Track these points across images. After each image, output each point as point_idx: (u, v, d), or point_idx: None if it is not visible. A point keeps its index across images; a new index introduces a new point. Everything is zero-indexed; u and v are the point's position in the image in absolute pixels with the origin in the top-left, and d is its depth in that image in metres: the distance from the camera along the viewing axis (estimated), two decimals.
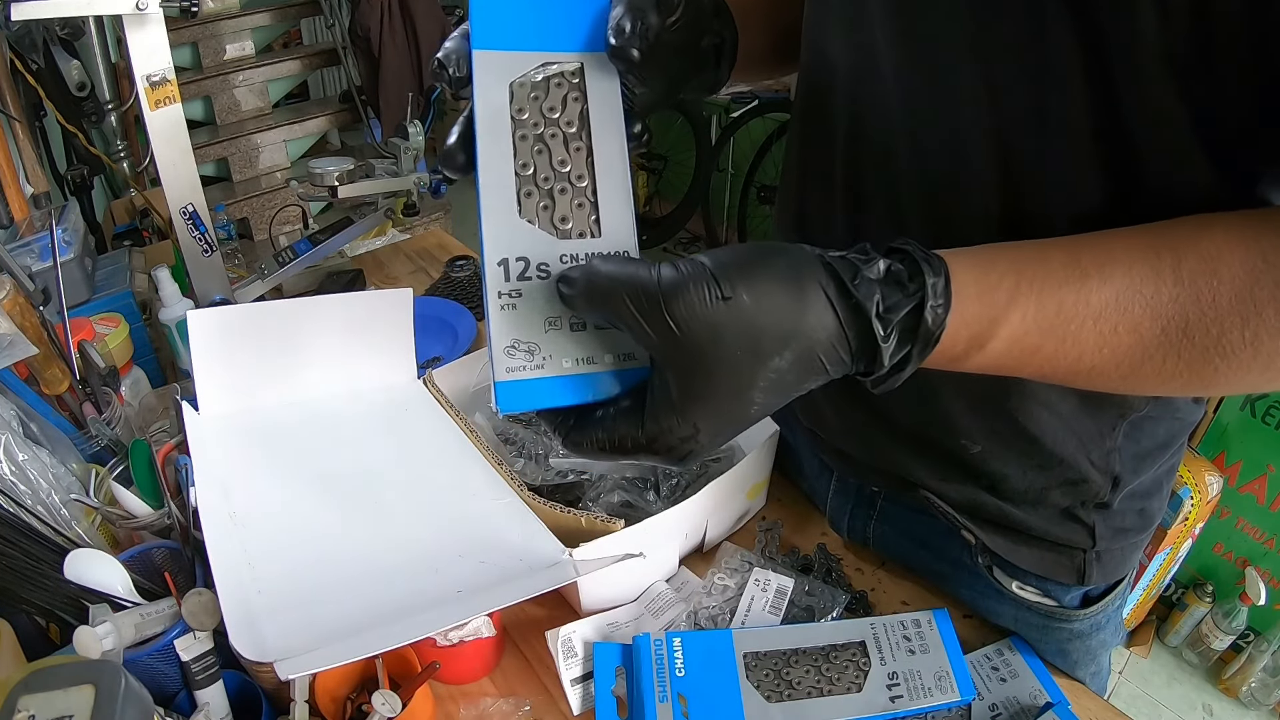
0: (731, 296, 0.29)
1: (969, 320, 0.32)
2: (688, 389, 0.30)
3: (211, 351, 0.69)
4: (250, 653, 0.45)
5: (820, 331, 0.31)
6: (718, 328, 0.29)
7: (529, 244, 0.33)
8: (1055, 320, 0.32)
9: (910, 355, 0.32)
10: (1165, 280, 0.32)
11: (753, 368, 0.30)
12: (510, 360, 0.31)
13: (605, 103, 0.36)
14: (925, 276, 0.31)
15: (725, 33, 0.45)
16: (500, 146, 0.34)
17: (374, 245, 1.33)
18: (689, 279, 0.30)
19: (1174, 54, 0.32)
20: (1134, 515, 0.53)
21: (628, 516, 0.58)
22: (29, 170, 1.21)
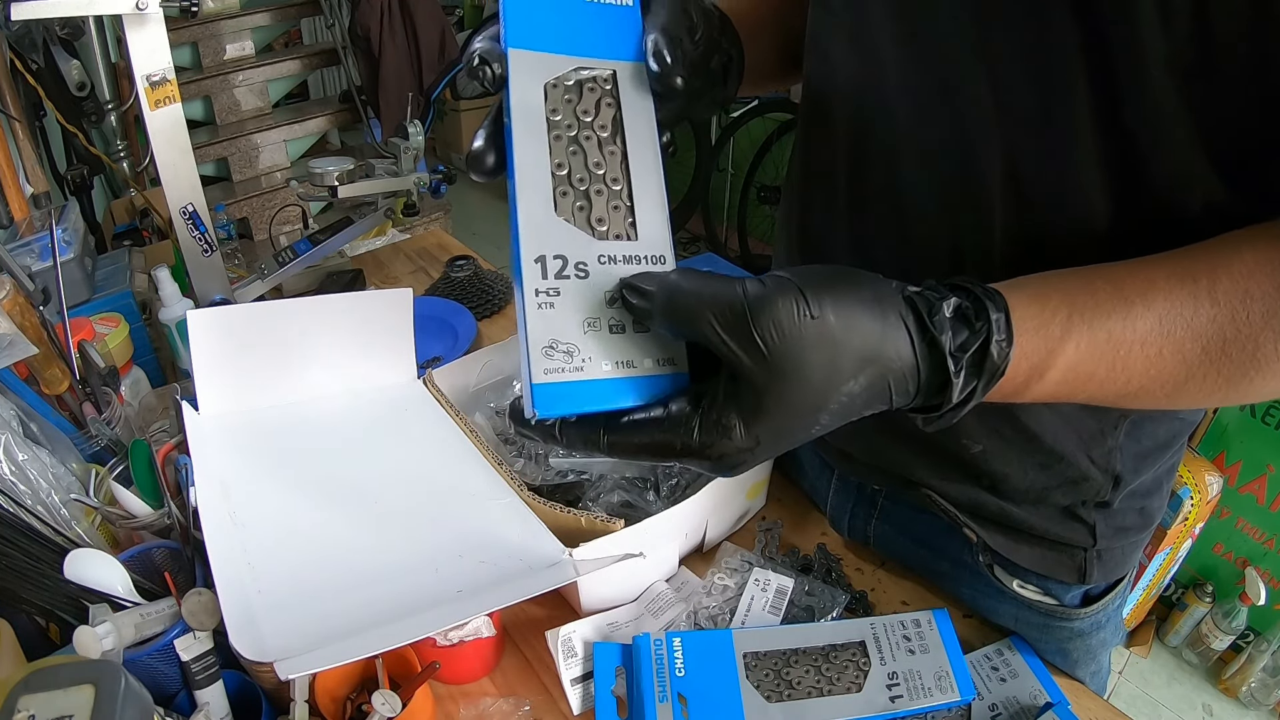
0: (819, 316, 0.30)
1: (1028, 353, 0.33)
2: (760, 404, 0.30)
3: (211, 351, 0.69)
4: (250, 653, 0.45)
5: (896, 360, 0.31)
6: (803, 346, 0.30)
7: (566, 242, 0.32)
8: (1106, 348, 0.34)
9: (975, 390, 0.33)
10: (1203, 303, 0.33)
11: (828, 388, 0.30)
12: (549, 362, 0.30)
13: (639, 110, 0.36)
14: (990, 313, 0.32)
15: (733, 50, 0.45)
16: (536, 145, 0.33)
17: (374, 245, 1.33)
18: (777, 295, 0.30)
19: (1176, 58, 0.33)
20: (1134, 514, 0.54)
21: (628, 516, 0.58)
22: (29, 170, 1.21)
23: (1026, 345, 0.33)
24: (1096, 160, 0.37)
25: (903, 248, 0.47)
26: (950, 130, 0.42)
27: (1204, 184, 0.37)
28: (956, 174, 0.43)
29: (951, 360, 0.31)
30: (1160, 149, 0.36)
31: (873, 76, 0.45)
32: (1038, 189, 0.40)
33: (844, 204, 0.50)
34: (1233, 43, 0.32)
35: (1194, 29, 0.32)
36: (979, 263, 0.44)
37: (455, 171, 1.14)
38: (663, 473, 0.67)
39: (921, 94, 0.42)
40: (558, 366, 0.30)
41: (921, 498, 0.57)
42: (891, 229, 0.47)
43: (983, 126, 0.40)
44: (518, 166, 0.33)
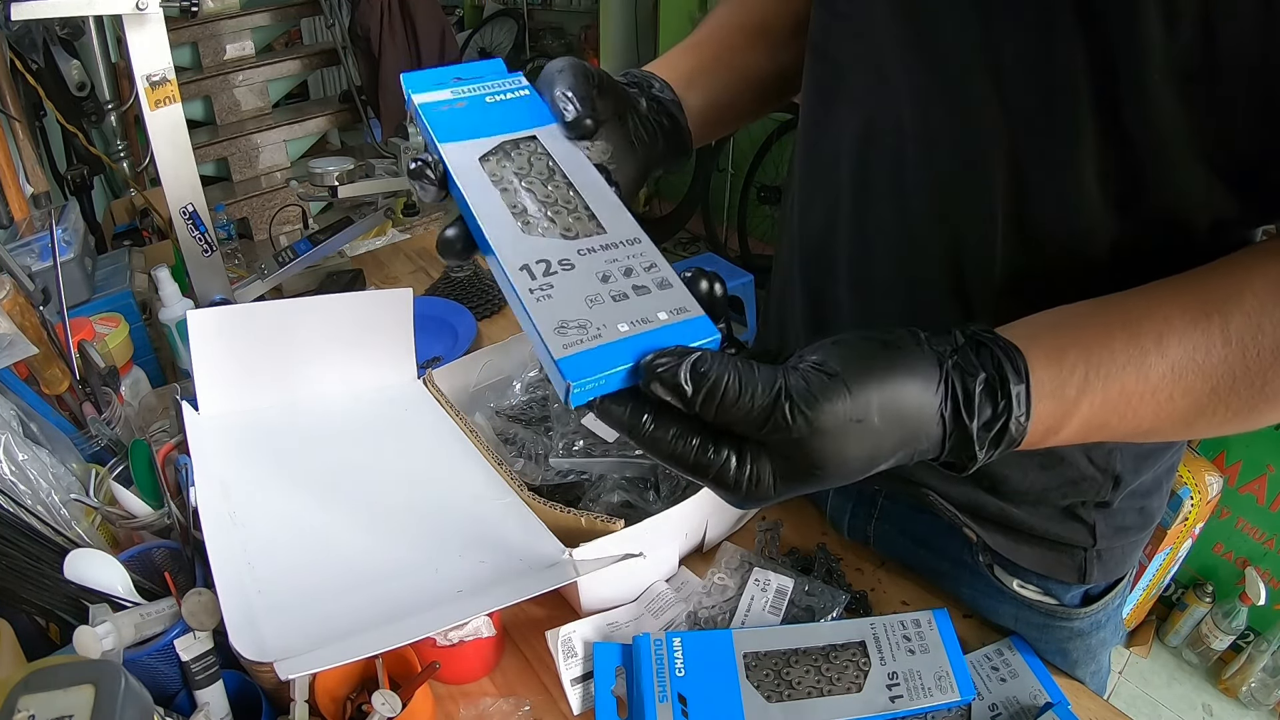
0: (864, 420, 0.30)
1: (1043, 417, 0.34)
2: (796, 474, 0.31)
3: (211, 351, 0.69)
4: (250, 653, 0.45)
5: (925, 442, 0.33)
6: (847, 448, 0.30)
7: (544, 249, 0.34)
8: (1118, 401, 0.35)
9: (992, 456, 0.34)
10: (1215, 343, 0.34)
11: (863, 470, 0.32)
12: (564, 338, 0.30)
13: (568, 153, 0.39)
14: (1010, 387, 0.33)
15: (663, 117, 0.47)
16: (488, 196, 0.37)
17: (374, 245, 1.33)
18: (825, 400, 0.30)
19: (1179, 63, 0.33)
20: (1134, 514, 0.54)
21: (628, 516, 0.58)
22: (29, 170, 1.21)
23: (1043, 410, 0.34)
24: (1098, 164, 0.37)
25: (904, 248, 0.47)
26: (954, 132, 0.42)
27: (1206, 190, 0.37)
28: (959, 176, 0.43)
29: (977, 440, 0.33)
30: (1162, 154, 0.36)
31: (876, 78, 0.45)
32: (1040, 192, 0.40)
33: (846, 204, 0.50)
34: (1236, 49, 0.32)
35: (1198, 35, 0.32)
36: (980, 265, 0.44)
37: None
38: (663, 473, 0.67)
39: (926, 96, 0.42)
40: (575, 340, 0.31)
41: (921, 497, 0.57)
42: (893, 229, 0.47)
43: (987, 129, 0.40)
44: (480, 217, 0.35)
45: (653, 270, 0.34)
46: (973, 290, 0.45)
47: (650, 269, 0.34)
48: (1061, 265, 0.41)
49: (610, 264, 0.34)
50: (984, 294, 0.44)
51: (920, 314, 0.48)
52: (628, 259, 0.34)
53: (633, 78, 0.48)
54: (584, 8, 3.58)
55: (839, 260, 0.52)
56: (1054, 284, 0.42)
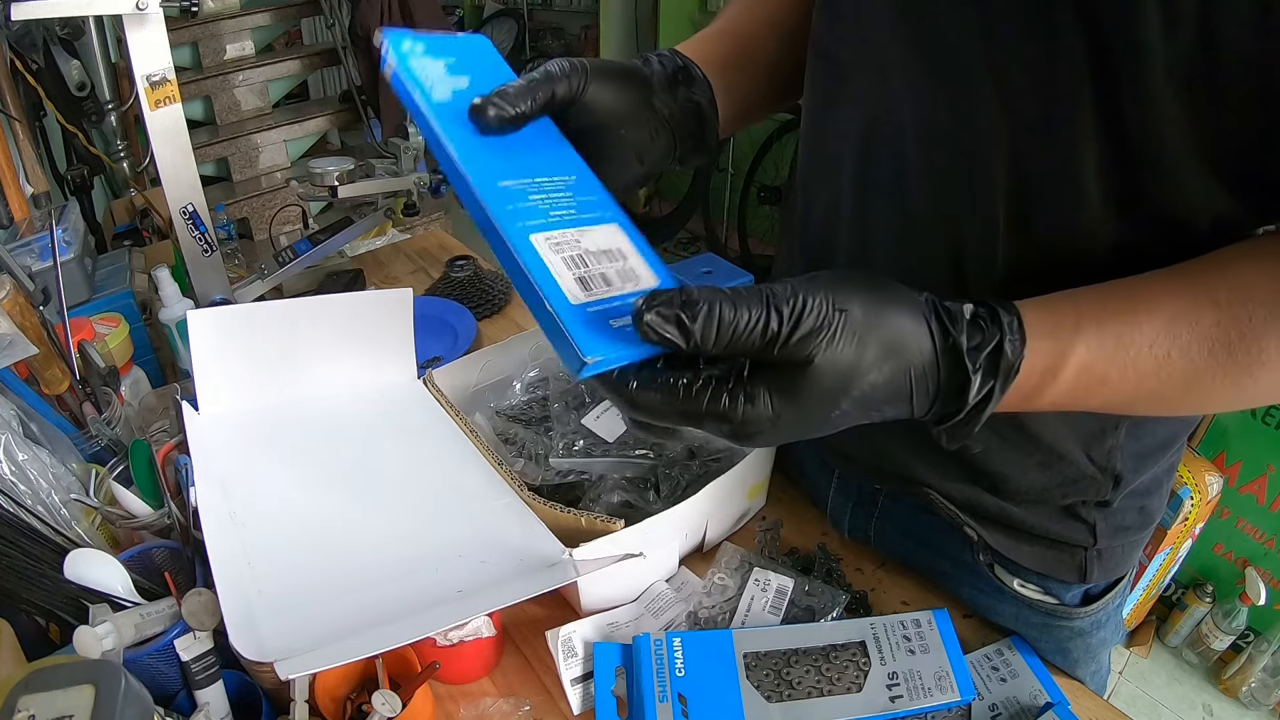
0: (846, 309, 0.32)
1: (1041, 352, 0.35)
2: (787, 388, 0.32)
3: (211, 351, 0.69)
4: (250, 653, 0.45)
5: (918, 356, 0.33)
6: (835, 343, 0.32)
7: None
8: (1115, 349, 0.35)
9: (993, 391, 0.34)
10: (1205, 308, 0.35)
11: (852, 374, 0.32)
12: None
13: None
14: (1002, 316, 0.34)
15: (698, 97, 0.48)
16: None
17: (374, 245, 1.33)
18: (807, 294, 0.32)
19: (1179, 66, 0.33)
20: (1134, 513, 0.54)
21: (628, 516, 0.58)
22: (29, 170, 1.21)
23: (1039, 345, 0.35)
24: (1099, 165, 0.37)
25: (905, 249, 0.47)
26: (955, 133, 0.42)
27: (1206, 191, 0.37)
28: (961, 176, 0.43)
29: (969, 358, 0.33)
30: (1162, 155, 0.36)
31: (879, 79, 0.45)
32: (1041, 193, 0.40)
33: (848, 204, 0.50)
34: (1235, 52, 0.32)
35: (1197, 37, 0.32)
36: (981, 265, 0.44)
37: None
38: (663, 473, 0.67)
39: (927, 97, 0.43)
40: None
41: (922, 497, 0.57)
42: (895, 230, 0.47)
43: (988, 131, 0.40)
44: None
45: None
46: (974, 290, 0.45)
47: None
48: (1063, 266, 0.41)
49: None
50: (985, 291, 0.44)
51: None
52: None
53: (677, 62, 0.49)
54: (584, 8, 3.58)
55: (840, 260, 0.52)
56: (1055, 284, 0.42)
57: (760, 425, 0.32)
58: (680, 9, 3.00)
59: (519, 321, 1.08)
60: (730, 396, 0.32)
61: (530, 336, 0.82)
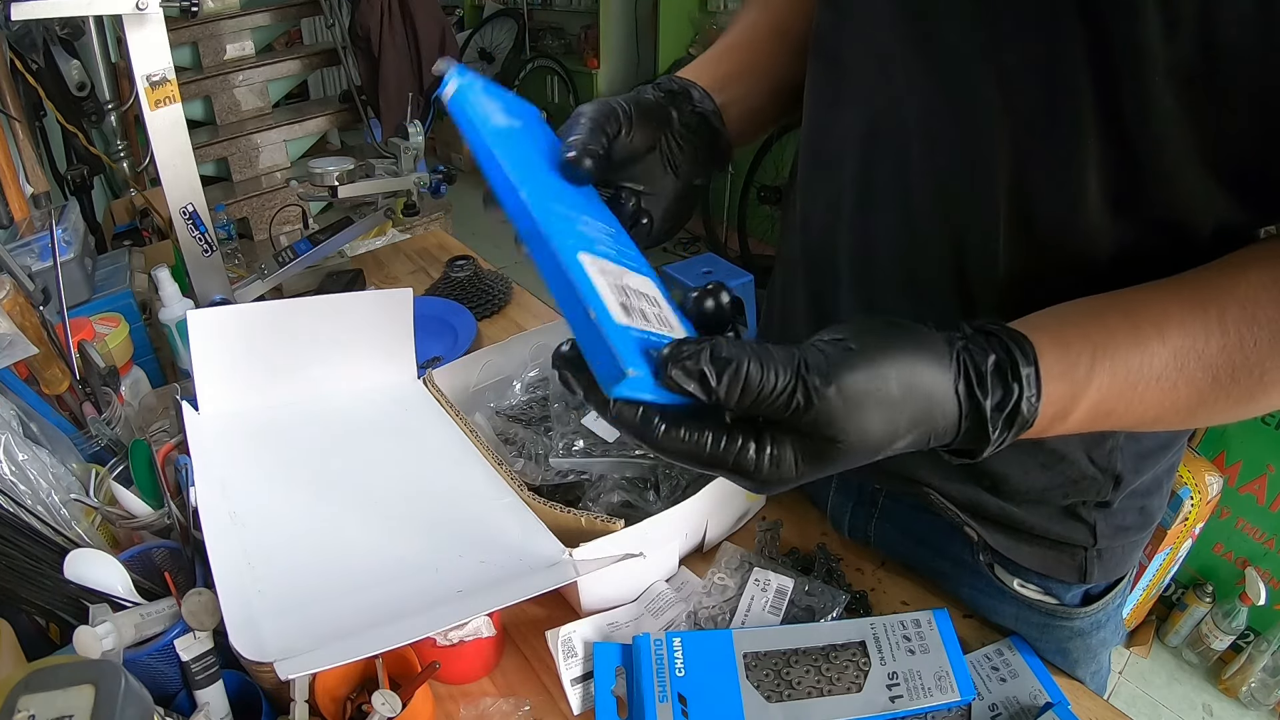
0: (882, 390, 0.31)
1: (1054, 399, 0.35)
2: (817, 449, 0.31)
3: (211, 351, 0.69)
4: (250, 653, 0.45)
5: (942, 421, 0.33)
6: (865, 417, 0.31)
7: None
8: (1124, 386, 0.35)
9: (1006, 439, 0.34)
10: (1213, 333, 0.35)
11: (881, 445, 0.32)
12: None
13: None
14: (1020, 368, 0.34)
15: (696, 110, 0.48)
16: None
17: (374, 245, 1.33)
18: (842, 365, 0.31)
19: (1179, 65, 0.33)
20: (1134, 514, 0.54)
21: (628, 516, 0.58)
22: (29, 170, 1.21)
23: (1053, 392, 0.35)
24: (1100, 165, 0.37)
25: (907, 249, 0.47)
26: (957, 132, 0.42)
27: (1206, 192, 0.37)
28: (962, 176, 0.43)
29: (990, 420, 0.33)
30: (1163, 156, 0.36)
31: (880, 78, 0.45)
32: (1043, 193, 0.40)
33: (849, 204, 0.50)
34: (1235, 53, 0.32)
35: (1198, 37, 0.32)
36: (983, 265, 0.44)
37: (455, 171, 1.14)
38: (663, 473, 0.67)
39: (928, 96, 0.43)
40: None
41: (922, 496, 0.57)
42: (896, 229, 0.47)
43: (989, 129, 0.40)
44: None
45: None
46: (976, 291, 0.45)
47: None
48: (1064, 266, 0.41)
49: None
50: (987, 294, 0.44)
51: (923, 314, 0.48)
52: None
53: (673, 86, 0.49)
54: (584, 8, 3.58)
55: (841, 260, 0.52)
56: (1057, 285, 0.42)
57: (784, 484, 0.32)
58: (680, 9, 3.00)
59: (519, 321, 1.08)
60: (757, 455, 0.31)
61: (530, 336, 0.82)
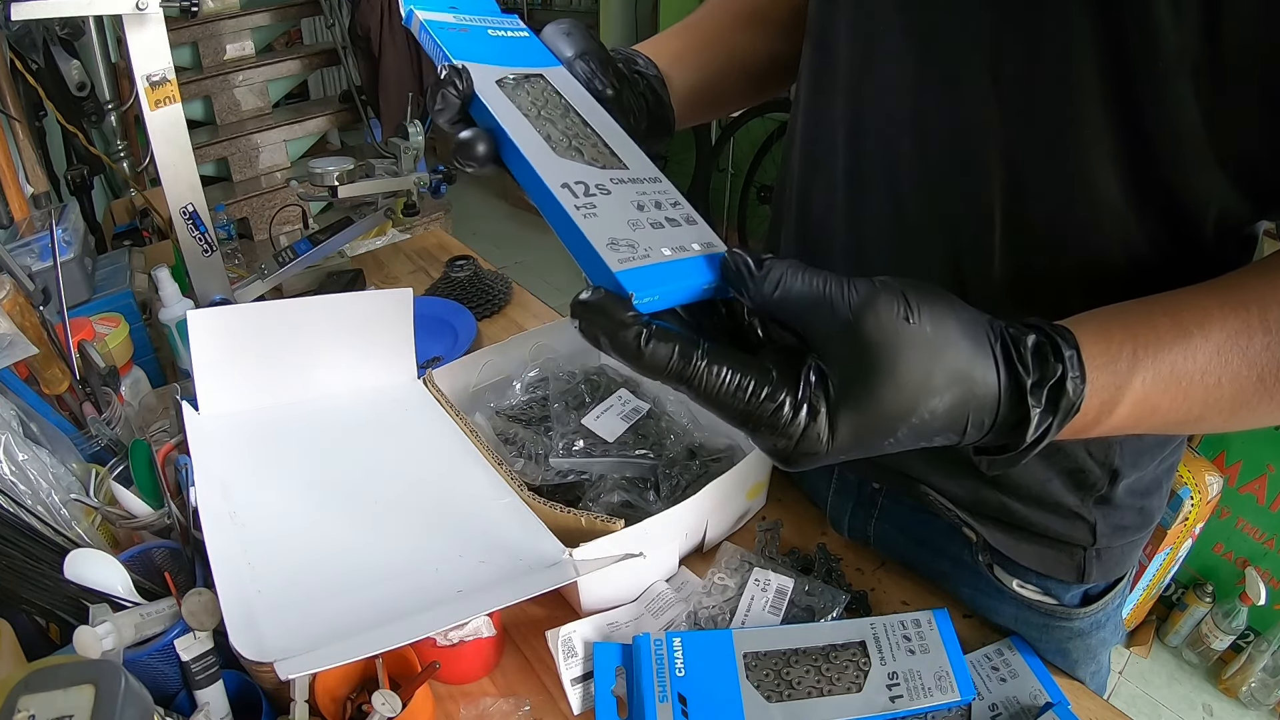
0: (917, 322, 0.30)
1: (1099, 389, 0.34)
2: (847, 393, 0.30)
3: (211, 351, 0.69)
4: (250, 653, 0.45)
5: (982, 386, 0.31)
6: (900, 345, 0.30)
7: (578, 172, 0.35)
8: (1169, 380, 0.35)
9: (1050, 427, 0.33)
10: (1256, 331, 0.34)
11: (916, 397, 0.30)
12: (618, 254, 0.31)
13: (578, 95, 0.40)
14: (1063, 349, 0.33)
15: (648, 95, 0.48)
16: (519, 121, 0.37)
17: (374, 245, 1.33)
18: (882, 293, 0.30)
19: (1186, 53, 0.33)
20: (1134, 513, 0.54)
21: (628, 516, 0.58)
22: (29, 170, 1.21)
23: (1097, 381, 0.34)
24: (1101, 157, 0.37)
25: (901, 244, 0.47)
26: (947, 125, 0.42)
27: (1210, 182, 0.37)
28: (953, 171, 0.43)
29: (1031, 394, 0.32)
30: (1168, 146, 0.36)
31: (873, 66, 0.45)
32: (1037, 188, 0.40)
33: (841, 199, 0.50)
34: (1243, 41, 0.32)
35: (1205, 25, 0.32)
36: (979, 263, 0.44)
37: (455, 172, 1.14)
38: (663, 473, 0.67)
39: (923, 89, 0.42)
40: (627, 256, 0.31)
41: (921, 496, 0.57)
42: (889, 226, 0.47)
43: (984, 123, 0.40)
44: (510, 131, 0.35)
45: (677, 206, 0.35)
46: (973, 289, 0.45)
47: (675, 205, 0.35)
48: (1062, 265, 0.41)
49: (641, 195, 0.35)
50: (984, 293, 0.44)
51: None
52: (654, 194, 0.35)
53: (618, 54, 0.48)
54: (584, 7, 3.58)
55: (836, 255, 0.52)
56: (1056, 285, 0.42)
57: (812, 443, 0.30)
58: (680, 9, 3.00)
59: (519, 321, 1.08)
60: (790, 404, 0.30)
61: (530, 336, 0.82)
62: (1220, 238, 0.39)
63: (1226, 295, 0.35)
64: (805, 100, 0.52)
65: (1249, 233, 0.41)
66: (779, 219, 0.60)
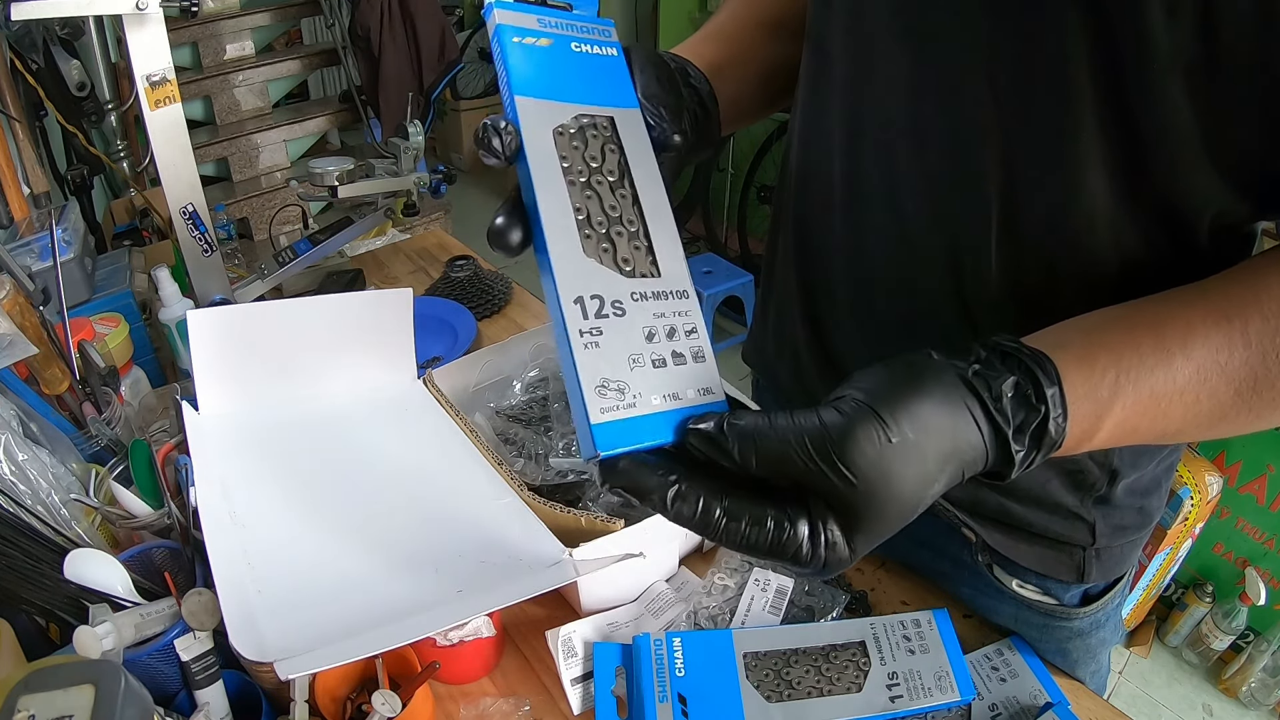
0: (899, 437, 0.31)
1: (1079, 419, 0.34)
2: (856, 520, 0.31)
3: (211, 351, 0.69)
4: (250, 653, 0.45)
5: (970, 451, 0.32)
6: (890, 466, 0.30)
7: (599, 282, 0.33)
8: (1149, 403, 0.35)
9: (1034, 460, 0.34)
10: (1236, 346, 0.35)
11: (918, 495, 0.32)
12: (603, 400, 0.31)
13: (640, 153, 0.37)
14: (1044, 389, 0.33)
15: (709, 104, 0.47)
16: (555, 190, 0.34)
17: (374, 245, 1.33)
18: (857, 425, 0.30)
19: (1180, 55, 0.33)
20: (1133, 513, 0.54)
21: (628, 516, 0.58)
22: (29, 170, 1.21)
23: (1078, 413, 0.34)
24: (1096, 159, 0.37)
25: (899, 248, 0.47)
26: (944, 128, 0.42)
27: (1206, 185, 0.37)
28: (951, 175, 0.43)
29: (1014, 441, 0.33)
30: (1164, 149, 0.36)
31: (870, 70, 0.45)
32: (1035, 191, 0.40)
33: (839, 204, 0.50)
34: (1237, 42, 0.32)
35: (1199, 26, 0.32)
36: (977, 265, 0.44)
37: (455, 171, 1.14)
38: None
39: (919, 90, 0.42)
40: (612, 405, 0.31)
41: None
42: (888, 229, 0.47)
43: (981, 125, 0.40)
44: (543, 212, 0.33)
45: (692, 335, 0.33)
46: (971, 290, 0.45)
47: (691, 333, 0.33)
48: (1060, 267, 0.41)
49: (657, 319, 0.33)
50: (983, 294, 0.44)
51: (919, 313, 0.48)
52: (674, 315, 0.34)
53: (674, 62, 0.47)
54: None
55: (835, 258, 0.52)
56: (1053, 285, 0.42)
57: (841, 566, 0.32)
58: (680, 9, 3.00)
59: (519, 321, 1.08)
60: (810, 543, 0.31)
61: (530, 336, 0.82)
62: (1217, 238, 0.39)
63: (1211, 305, 0.36)
64: (803, 102, 0.52)
65: (1246, 232, 0.41)
66: (779, 220, 0.60)
